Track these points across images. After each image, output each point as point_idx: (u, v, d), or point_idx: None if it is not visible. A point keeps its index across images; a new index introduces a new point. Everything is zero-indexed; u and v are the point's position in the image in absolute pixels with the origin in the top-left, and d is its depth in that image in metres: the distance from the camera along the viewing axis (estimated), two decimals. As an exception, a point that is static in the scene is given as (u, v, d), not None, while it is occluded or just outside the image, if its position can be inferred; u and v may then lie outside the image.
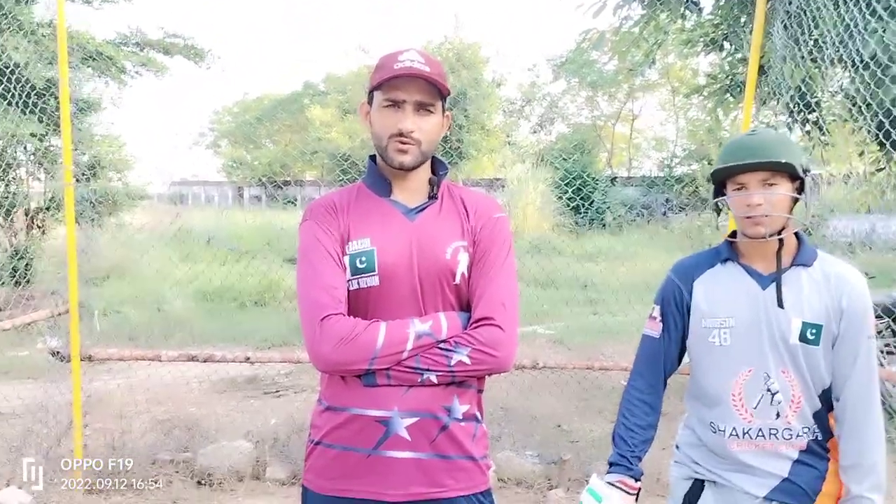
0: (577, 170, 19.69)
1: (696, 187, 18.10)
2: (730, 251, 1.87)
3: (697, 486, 1.87)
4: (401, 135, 1.63)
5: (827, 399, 1.79)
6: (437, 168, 1.76)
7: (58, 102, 3.85)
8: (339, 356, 1.55)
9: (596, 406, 5.30)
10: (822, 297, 1.75)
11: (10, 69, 5.10)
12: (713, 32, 5.30)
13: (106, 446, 4.24)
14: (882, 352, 5.81)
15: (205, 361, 4.18)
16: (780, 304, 1.76)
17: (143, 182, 13.74)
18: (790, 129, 5.09)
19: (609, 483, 1.85)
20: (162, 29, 12.29)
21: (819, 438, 1.79)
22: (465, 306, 1.68)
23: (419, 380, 1.58)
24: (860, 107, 3.96)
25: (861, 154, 5.00)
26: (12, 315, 4.49)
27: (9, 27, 6.31)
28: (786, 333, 1.75)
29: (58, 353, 3.93)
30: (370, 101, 1.73)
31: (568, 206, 15.86)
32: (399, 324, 1.59)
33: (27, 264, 8.19)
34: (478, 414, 1.72)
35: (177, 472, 4.10)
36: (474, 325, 1.62)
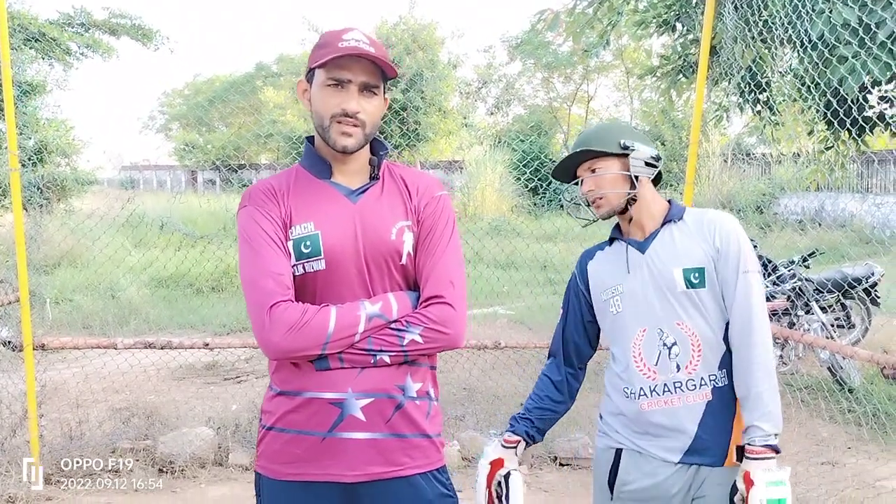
0: (535, 151, 19.80)
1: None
2: (615, 232, 2.04)
3: (619, 456, 1.94)
4: (345, 115, 1.61)
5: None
6: (377, 148, 1.74)
7: (-1, 86, 3.72)
8: (290, 343, 1.53)
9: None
10: (697, 242, 1.87)
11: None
12: (666, 13, 5.36)
13: (63, 436, 4.16)
14: (832, 325, 6.02)
15: (162, 348, 4.12)
16: (628, 270, 1.92)
17: (93, 167, 13.41)
18: (741, 109, 5.20)
19: (497, 442, 2.03)
20: (107, 9, 11.92)
21: (724, 386, 1.85)
22: (412, 285, 1.69)
23: (372, 361, 1.58)
24: (809, 86, 4.06)
25: (810, 133, 5.13)
26: (-41, 305, 4.35)
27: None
28: (672, 285, 1.85)
29: (9, 342, 3.83)
30: (309, 80, 1.69)
31: (526, 187, 15.94)
32: (349, 307, 1.58)
33: (-28, 253, 7.92)
34: (431, 391, 1.72)
35: (137, 460, 4.04)
36: (424, 303, 1.62)
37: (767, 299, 5.81)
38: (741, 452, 1.78)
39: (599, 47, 6.15)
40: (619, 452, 1.93)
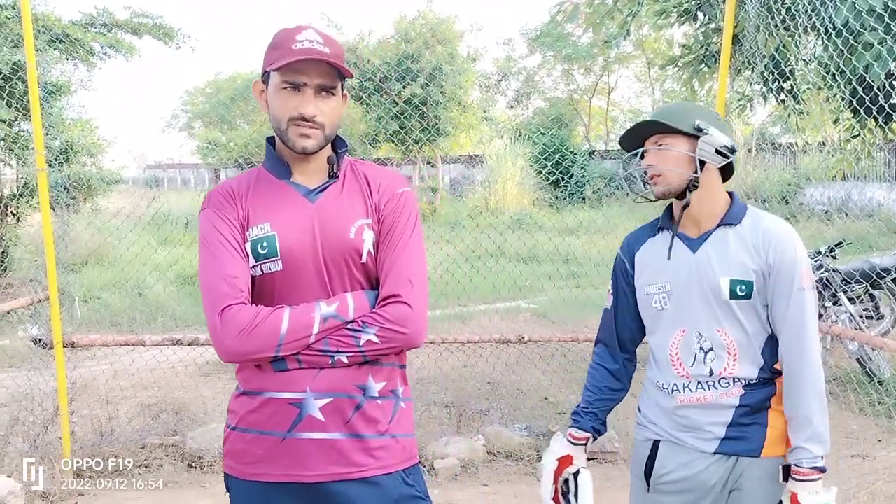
0: (556, 144, 19.69)
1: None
2: (665, 219, 1.95)
3: (657, 447, 1.92)
4: (302, 119, 1.59)
5: (773, 353, 1.83)
6: (337, 146, 1.72)
7: (26, 87, 3.78)
8: (242, 346, 1.53)
9: (581, 378, 5.34)
10: (750, 253, 1.80)
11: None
12: (687, 3, 5.30)
13: (94, 432, 4.23)
14: (861, 316, 5.93)
15: (189, 345, 4.17)
16: (668, 257, 1.87)
17: (118, 166, 13.54)
18: (765, 98, 5.13)
19: (562, 437, 2.02)
20: (129, 9, 12.01)
21: (757, 382, 1.82)
22: (375, 284, 1.66)
23: (330, 362, 1.57)
24: (834, 74, 4.00)
25: (836, 121, 5.05)
26: (-9, 304, 4.44)
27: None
28: (717, 292, 1.81)
29: (40, 340, 3.90)
30: (265, 80, 1.67)
31: (547, 180, 15.86)
32: (304, 308, 1.57)
33: (3, 252, 8.08)
34: (399, 390, 1.69)
35: (167, 455, 4.11)
36: (381, 303, 1.60)
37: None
38: (787, 472, 1.75)
39: (620, 38, 6.10)
40: (656, 444, 1.92)
